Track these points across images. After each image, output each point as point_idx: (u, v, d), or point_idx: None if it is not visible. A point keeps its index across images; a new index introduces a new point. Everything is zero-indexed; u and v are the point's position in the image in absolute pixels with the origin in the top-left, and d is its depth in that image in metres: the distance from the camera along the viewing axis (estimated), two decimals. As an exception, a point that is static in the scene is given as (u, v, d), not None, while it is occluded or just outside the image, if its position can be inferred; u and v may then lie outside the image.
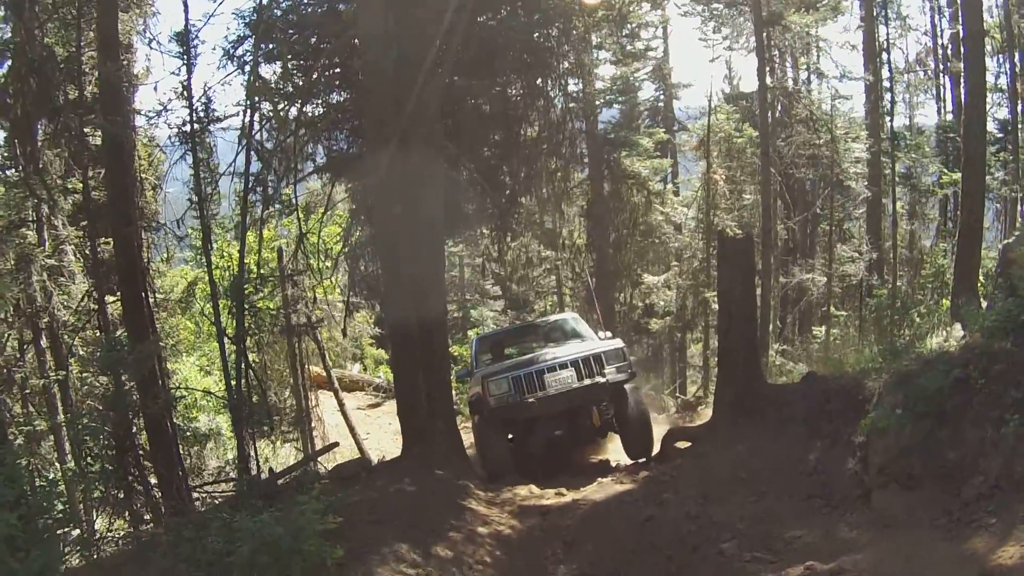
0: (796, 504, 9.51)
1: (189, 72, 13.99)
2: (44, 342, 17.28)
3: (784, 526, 8.91)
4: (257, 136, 14.96)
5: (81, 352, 17.26)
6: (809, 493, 9.63)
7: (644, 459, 14.58)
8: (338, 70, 16.38)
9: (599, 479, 13.04)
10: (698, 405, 23.26)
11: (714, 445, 12.25)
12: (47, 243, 17.34)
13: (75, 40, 15.01)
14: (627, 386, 15.03)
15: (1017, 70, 25.25)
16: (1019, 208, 23.67)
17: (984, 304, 10.95)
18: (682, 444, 13.63)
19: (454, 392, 17.84)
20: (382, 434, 23.95)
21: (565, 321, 18.30)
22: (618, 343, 15.69)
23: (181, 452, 14.33)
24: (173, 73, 13.79)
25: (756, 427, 11.80)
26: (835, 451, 9.93)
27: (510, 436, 15.59)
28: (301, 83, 15.83)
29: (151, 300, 14.82)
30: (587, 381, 14.49)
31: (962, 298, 12.19)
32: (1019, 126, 24.90)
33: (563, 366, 14.65)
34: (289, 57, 15.66)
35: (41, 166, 15.90)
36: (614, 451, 16.08)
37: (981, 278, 14.72)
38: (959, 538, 6.92)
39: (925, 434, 8.17)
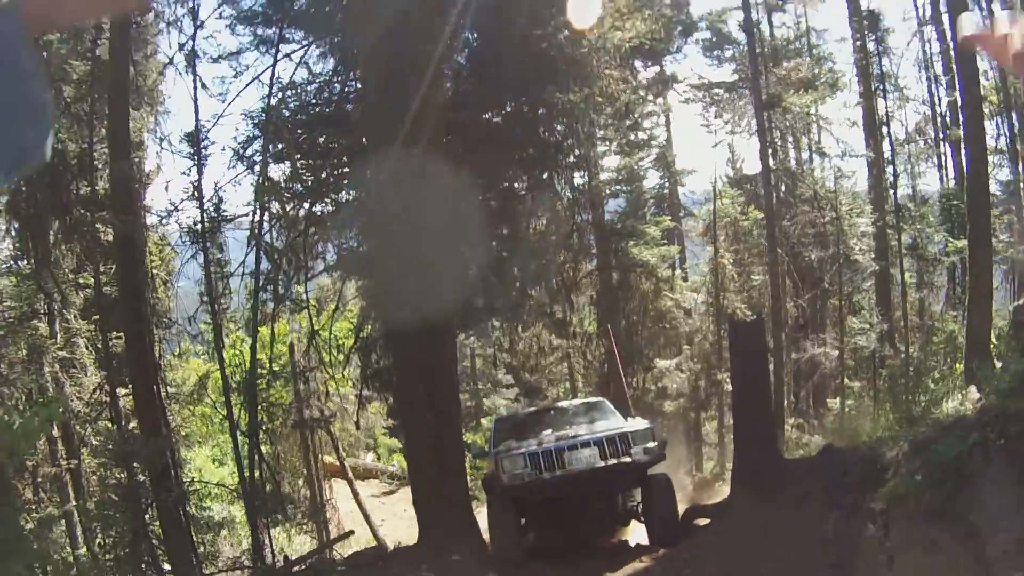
0: (818, 575, 9.39)
1: (199, 172, 14.27)
2: (56, 431, 17.22)
3: (807, 597, 8.79)
4: (267, 235, 15.12)
5: (94, 442, 17.24)
6: (830, 563, 9.50)
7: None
8: (346, 169, 16.55)
9: (620, 566, 12.83)
10: (715, 482, 23.10)
11: (733, 522, 12.16)
12: (59, 335, 17.42)
13: (87, 137, 15.23)
14: (655, 472, 14.08)
15: (1016, 130, 25.37)
16: (1030, 269, 23.66)
17: (998, 365, 10.87)
18: (701, 521, 13.49)
19: (469, 477, 17.64)
20: (397, 521, 23.74)
21: (593, 404, 16.95)
22: (646, 423, 14.63)
23: (195, 540, 14.28)
24: (184, 173, 14.12)
25: (774, 502, 11.68)
26: (855, 520, 9.82)
27: (523, 520, 14.37)
28: (310, 183, 16.01)
29: (163, 393, 14.86)
30: (612, 461, 13.25)
31: (975, 361, 12.12)
32: (1021, 186, 24.96)
33: (585, 444, 13.40)
34: (298, 157, 15.85)
35: (53, 259, 16.06)
36: (633, 531, 15.71)
37: (994, 340, 14.66)
38: (986, 597, 6.80)
39: (945, 498, 8.08)
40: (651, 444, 13.71)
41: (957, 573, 7.41)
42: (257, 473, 14.52)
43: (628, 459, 13.36)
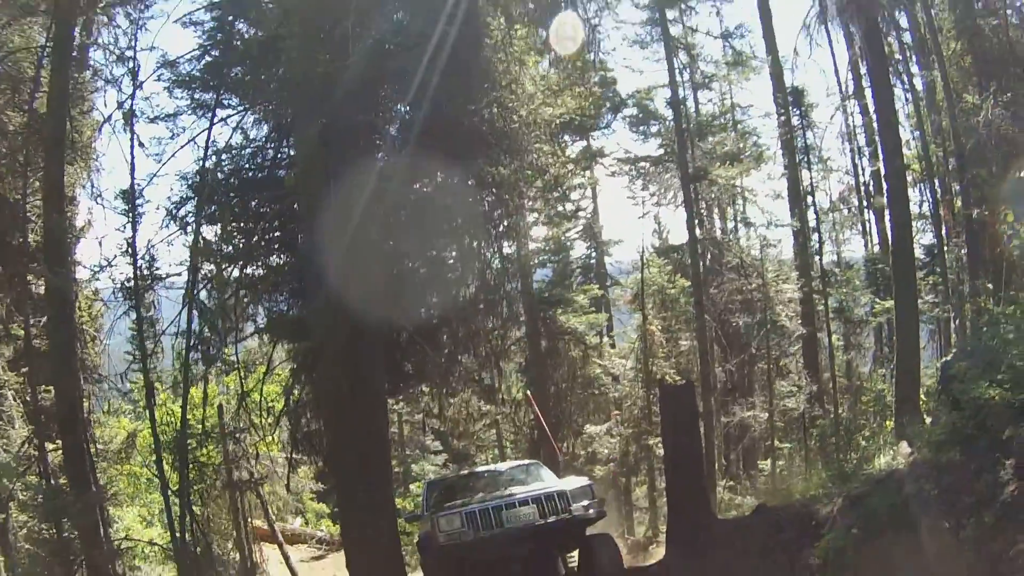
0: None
1: (134, 229, 14.26)
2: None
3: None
4: (199, 295, 15.02)
5: (21, 496, 16.78)
6: (770, 620, 9.52)
7: None
8: (278, 233, 16.52)
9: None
10: (649, 545, 23.08)
11: (669, 583, 12.12)
12: (-14, 387, 17.01)
13: (21, 188, 15.09)
14: (598, 532, 13.92)
15: (938, 196, 26.05)
16: (952, 326, 24.13)
17: (928, 420, 11.05)
18: (637, 584, 13.44)
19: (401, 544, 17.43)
20: (327, 587, 23.42)
21: (526, 466, 16.53)
22: (585, 480, 14.03)
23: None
24: (118, 229, 13.98)
25: (710, 563, 11.73)
26: (792, 577, 9.85)
27: None
28: (242, 245, 15.94)
29: (92, 450, 14.60)
30: (552, 518, 12.75)
31: (905, 417, 12.32)
32: (944, 249, 25.60)
33: (524, 502, 12.95)
34: (230, 219, 15.79)
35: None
36: None
37: (922, 397, 14.90)
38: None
39: (883, 550, 8.22)
40: (590, 501, 13.25)
41: (899, 622, 7.47)
42: (188, 534, 14.26)
43: (568, 515, 12.90)
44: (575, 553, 14.67)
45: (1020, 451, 7.43)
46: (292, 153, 16.13)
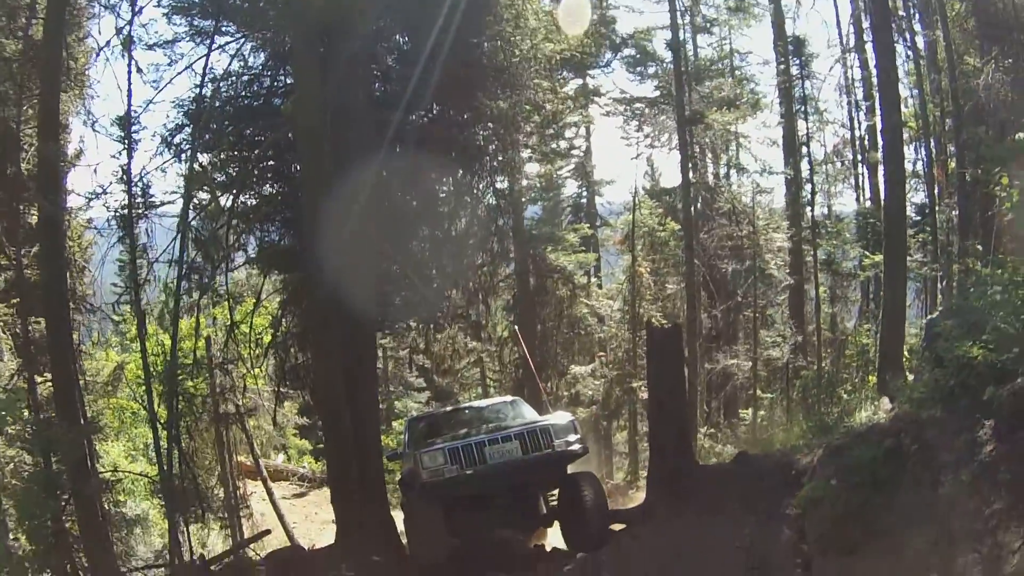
0: (736, 578, 9.55)
1: (129, 156, 14.18)
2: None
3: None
4: (193, 224, 15.02)
5: (10, 430, 16.82)
6: (748, 566, 9.66)
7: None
8: (272, 163, 16.48)
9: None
10: (628, 488, 23.29)
11: (650, 527, 12.21)
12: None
13: (15, 117, 14.97)
14: (582, 471, 13.98)
15: (933, 156, 26.07)
16: (939, 286, 24.27)
17: (911, 377, 11.19)
18: (617, 526, 13.54)
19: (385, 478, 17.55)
20: (309, 524, 23.55)
21: (509, 402, 16.56)
22: (568, 415, 14.13)
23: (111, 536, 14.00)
24: (113, 156, 14.02)
25: (690, 507, 11.80)
26: (771, 525, 10.00)
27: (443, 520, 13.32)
28: (235, 174, 15.91)
29: (80, 382, 14.60)
30: (535, 454, 12.86)
31: (888, 373, 12.44)
32: (936, 209, 25.66)
33: (507, 438, 12.96)
34: (225, 148, 15.76)
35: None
36: (550, 534, 15.63)
37: (906, 354, 15.04)
38: (902, 595, 7.03)
39: (861, 502, 8.35)
40: (573, 437, 13.35)
41: (875, 574, 7.61)
42: (175, 468, 14.33)
43: (551, 451, 12.99)
44: (556, 492, 14.75)
45: (1000, 412, 7.54)
46: (289, 81, 16.06)
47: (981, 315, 8.80)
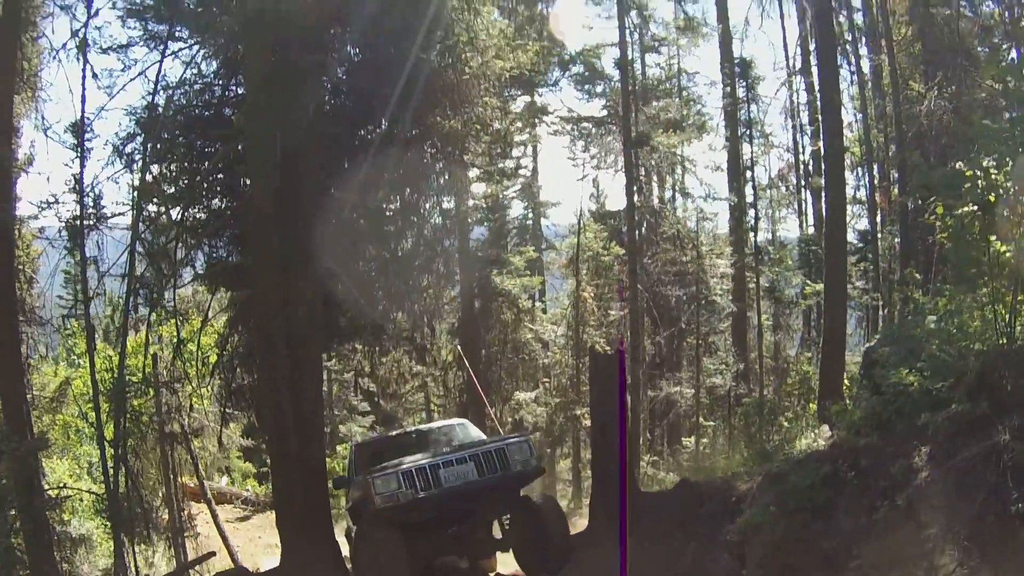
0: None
1: (82, 165, 14.02)
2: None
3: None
4: (144, 237, 14.87)
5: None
6: (689, 591, 9.72)
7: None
8: (221, 176, 16.35)
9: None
10: (572, 515, 23.23)
11: (593, 552, 12.28)
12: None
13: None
14: (540, 495, 13.97)
15: (876, 182, 26.42)
16: (881, 314, 24.59)
17: (850, 405, 11.31)
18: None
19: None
20: (253, 547, 23.28)
21: (457, 426, 16.09)
22: (523, 437, 13.94)
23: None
24: (66, 165, 13.81)
25: (633, 534, 11.82)
26: (712, 551, 10.10)
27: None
28: (185, 186, 15.78)
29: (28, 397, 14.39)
30: (490, 475, 12.51)
31: (828, 400, 12.57)
32: (878, 236, 26.00)
33: (461, 460, 12.59)
34: (176, 159, 15.64)
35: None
36: (503, 562, 15.30)
37: (846, 382, 15.20)
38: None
39: (800, 527, 8.46)
40: (528, 456, 13.06)
41: (812, 599, 7.70)
42: (122, 487, 14.15)
43: (507, 471, 12.68)
44: (508, 516, 14.38)
45: (935, 438, 7.67)
46: (241, 91, 15.97)
47: (917, 343, 8.95)
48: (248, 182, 15.20)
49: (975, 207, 7.72)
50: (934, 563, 6.87)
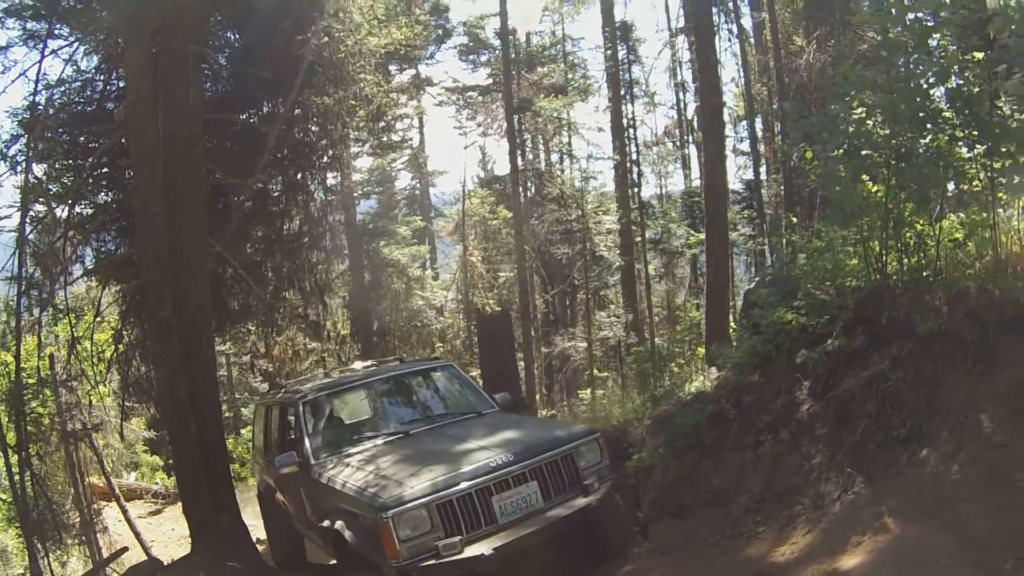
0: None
1: (-33, 170, 13.63)
2: None
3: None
4: (31, 238, 14.62)
5: None
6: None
7: None
8: (106, 170, 16.09)
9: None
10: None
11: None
12: None
13: None
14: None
15: (758, 135, 27.01)
16: (768, 258, 25.21)
17: (734, 346, 11.63)
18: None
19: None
20: (167, 541, 22.98)
21: (442, 373, 11.26)
22: (588, 429, 9.00)
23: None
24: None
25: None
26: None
27: None
28: (70, 183, 15.51)
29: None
30: (561, 507, 7.81)
31: (715, 344, 12.88)
32: (762, 185, 26.63)
33: (521, 478, 7.77)
34: (60, 156, 15.36)
35: None
36: None
37: (732, 325, 15.61)
38: (734, 550, 7.42)
39: (689, 467, 8.74)
40: (600, 462, 8.52)
41: (707, 533, 7.96)
42: (29, 492, 13.93)
43: (583, 495, 8.01)
44: None
45: (814, 372, 7.96)
46: (122, 85, 15.73)
47: (794, 283, 9.26)
48: (132, 173, 15.00)
49: (844, 149, 7.96)
50: (820, 491, 7.15)
